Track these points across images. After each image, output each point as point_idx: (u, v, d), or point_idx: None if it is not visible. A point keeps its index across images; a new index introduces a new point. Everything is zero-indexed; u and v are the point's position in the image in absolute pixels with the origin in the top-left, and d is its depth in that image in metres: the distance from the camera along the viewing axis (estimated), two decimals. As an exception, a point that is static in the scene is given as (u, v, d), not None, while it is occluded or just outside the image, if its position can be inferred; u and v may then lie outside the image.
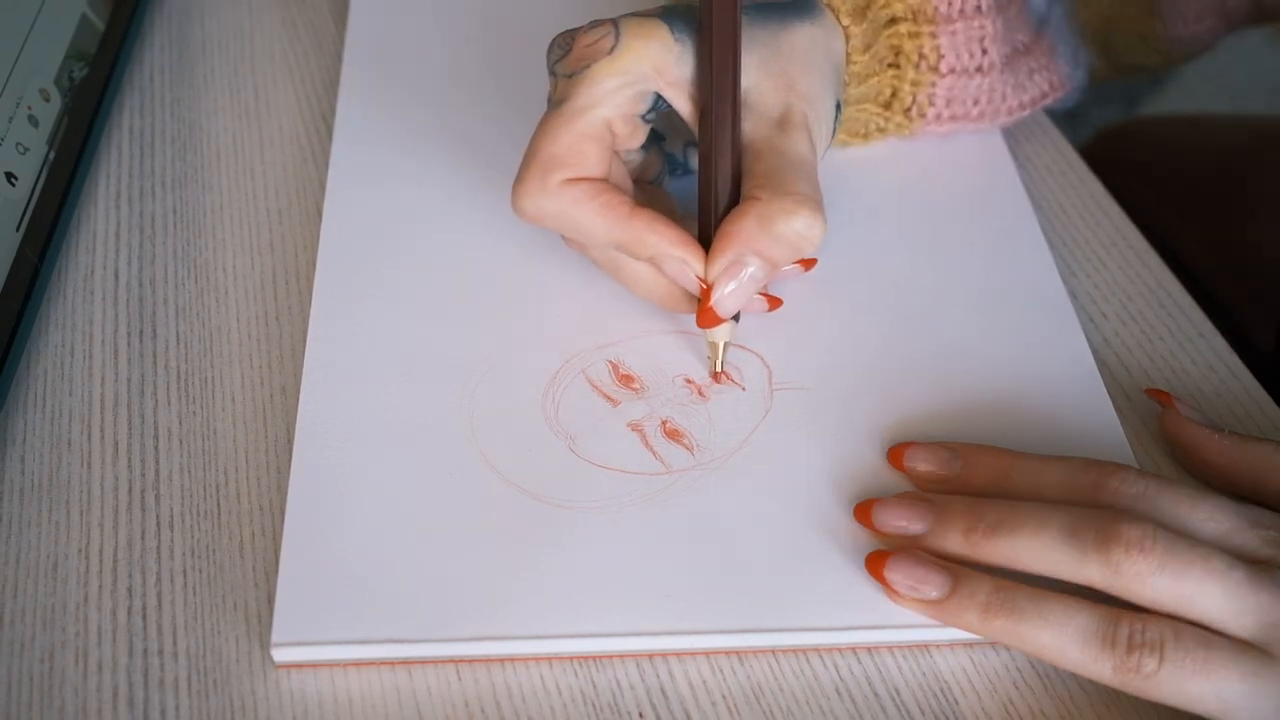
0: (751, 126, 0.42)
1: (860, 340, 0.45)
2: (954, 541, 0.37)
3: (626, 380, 0.43)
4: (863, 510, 0.39)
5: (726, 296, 0.41)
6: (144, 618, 0.38)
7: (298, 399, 0.42)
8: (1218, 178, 0.71)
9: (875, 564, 0.38)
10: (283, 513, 0.39)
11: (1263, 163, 0.69)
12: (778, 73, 0.43)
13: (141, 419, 0.43)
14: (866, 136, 0.51)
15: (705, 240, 0.42)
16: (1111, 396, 0.44)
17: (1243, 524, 0.37)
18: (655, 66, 0.41)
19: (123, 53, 0.56)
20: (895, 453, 0.41)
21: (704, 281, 0.41)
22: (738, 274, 0.40)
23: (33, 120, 0.48)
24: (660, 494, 0.40)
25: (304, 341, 0.44)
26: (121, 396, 0.44)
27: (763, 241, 0.40)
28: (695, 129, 0.42)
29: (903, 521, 0.38)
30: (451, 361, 0.44)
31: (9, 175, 0.46)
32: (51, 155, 0.49)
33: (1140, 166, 0.73)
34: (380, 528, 0.39)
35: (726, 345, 0.43)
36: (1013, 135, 0.54)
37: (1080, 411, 0.43)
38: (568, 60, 0.42)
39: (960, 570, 0.37)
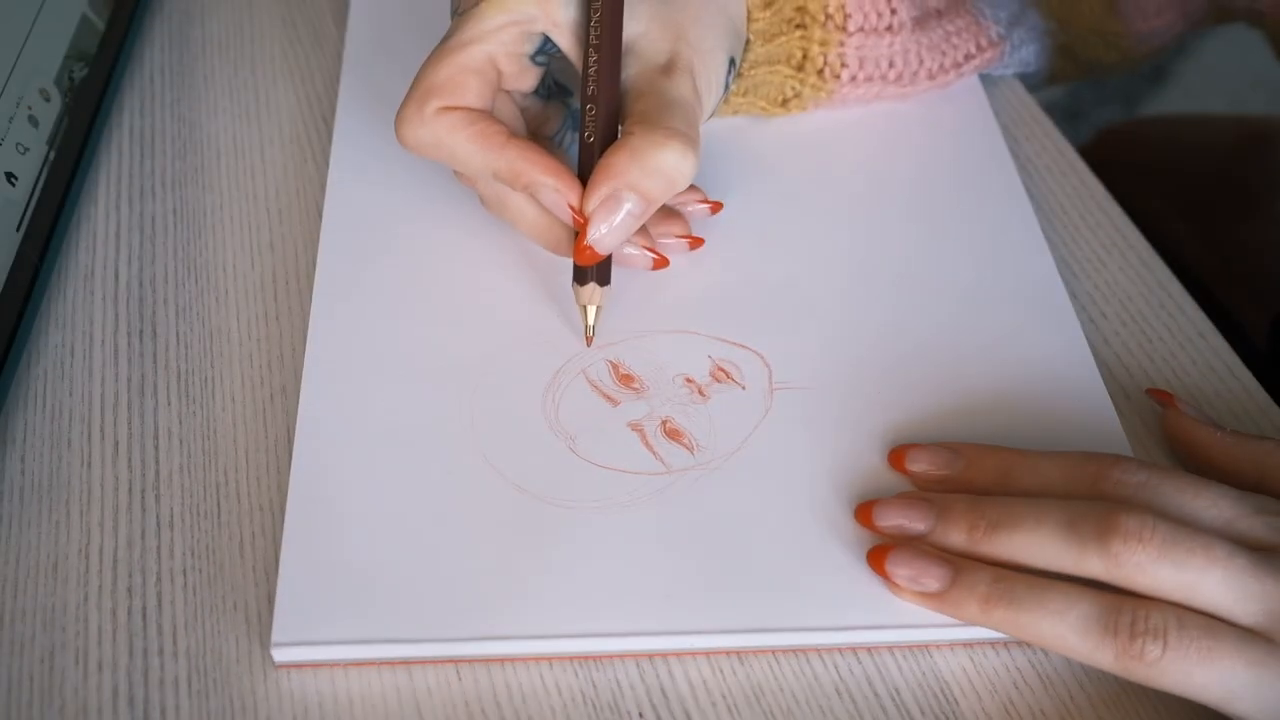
0: (636, 71, 0.43)
1: (860, 340, 0.45)
2: (957, 540, 0.38)
3: (626, 380, 0.43)
4: (864, 511, 0.39)
5: (603, 232, 0.41)
6: (144, 617, 0.38)
7: (298, 399, 0.42)
8: (1218, 178, 0.71)
9: (876, 558, 0.38)
10: (283, 513, 0.39)
11: (1263, 163, 0.69)
12: (667, 21, 0.43)
13: (141, 419, 0.43)
14: (786, 103, 0.51)
15: (584, 179, 0.42)
16: (1111, 396, 0.44)
17: (1246, 510, 0.37)
18: (541, 7, 0.42)
19: (123, 53, 0.56)
20: (896, 455, 0.41)
21: (577, 213, 0.41)
22: (613, 209, 0.41)
23: (33, 120, 0.48)
24: (660, 494, 0.40)
25: (304, 341, 0.44)
26: (121, 396, 0.44)
27: (635, 174, 0.40)
28: (580, 70, 0.43)
29: (905, 521, 0.38)
30: (451, 361, 0.44)
31: (9, 175, 0.46)
32: (52, 155, 0.49)
33: (1140, 166, 0.73)
34: (380, 527, 0.39)
35: (599, 310, 0.43)
36: (1013, 135, 0.54)
37: (1080, 412, 0.43)
38: (464, 2, 0.43)
39: (961, 562, 0.37)
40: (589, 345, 0.44)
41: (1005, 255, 0.48)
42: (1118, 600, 0.35)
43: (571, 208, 0.41)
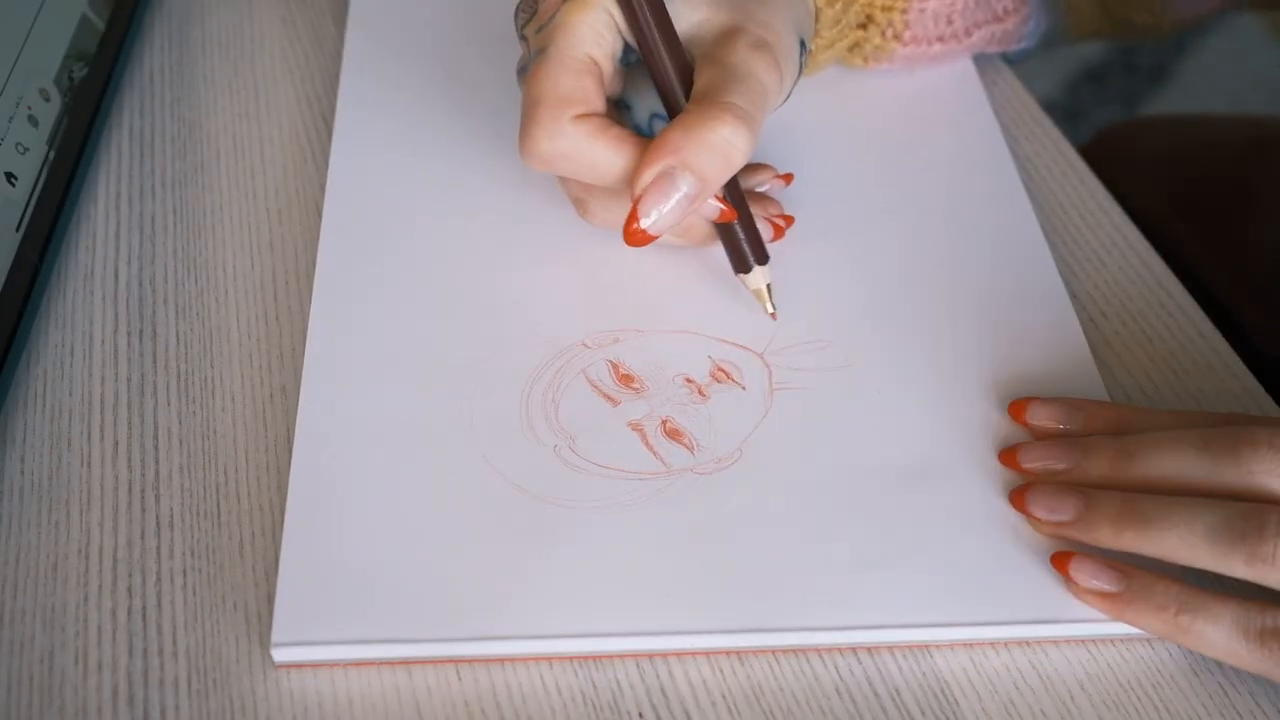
0: (701, 50, 0.42)
1: (860, 340, 0.45)
2: (1099, 469, 0.39)
3: (626, 380, 0.43)
4: (1009, 454, 0.41)
5: (654, 212, 0.40)
6: (144, 617, 0.38)
7: (298, 399, 0.42)
8: (1218, 178, 0.71)
9: (1018, 497, 0.40)
10: (283, 513, 0.39)
11: (1263, 163, 0.69)
12: (730, 6, 0.43)
13: (141, 419, 0.43)
14: (851, 50, 0.53)
15: None
16: (1112, 397, 0.44)
17: None
18: (607, 8, 0.41)
19: (123, 52, 0.56)
20: (1017, 407, 0.42)
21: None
22: (666, 188, 0.40)
23: (33, 120, 0.48)
24: (660, 494, 0.40)
25: (304, 341, 0.44)
26: (121, 396, 0.44)
27: (688, 149, 0.39)
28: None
29: (1049, 460, 0.40)
30: (451, 361, 0.44)
31: (9, 175, 0.46)
32: (51, 155, 0.49)
33: (1140, 166, 0.73)
34: (380, 528, 0.39)
35: (770, 287, 0.44)
36: (1013, 135, 0.54)
37: (1080, 411, 0.43)
38: (536, 19, 0.42)
39: (1091, 492, 0.39)
40: (775, 320, 0.45)
41: (1005, 255, 0.48)
42: (1245, 507, 0.36)
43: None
